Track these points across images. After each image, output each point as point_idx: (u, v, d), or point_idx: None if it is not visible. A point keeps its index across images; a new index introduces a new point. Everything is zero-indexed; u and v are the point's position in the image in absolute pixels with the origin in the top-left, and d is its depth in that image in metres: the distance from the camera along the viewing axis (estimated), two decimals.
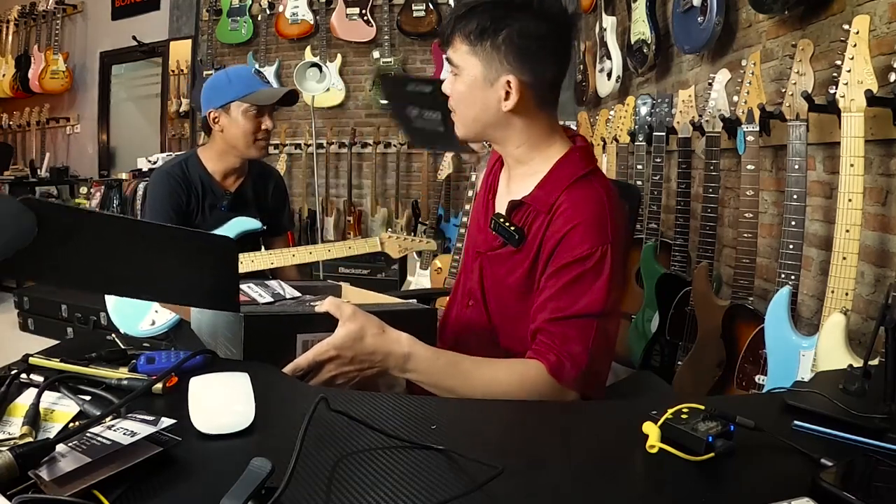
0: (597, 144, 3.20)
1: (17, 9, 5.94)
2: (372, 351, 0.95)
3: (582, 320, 1.03)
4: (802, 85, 1.60)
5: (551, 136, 1.15)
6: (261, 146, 1.90)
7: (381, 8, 4.87)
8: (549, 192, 1.10)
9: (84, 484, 0.58)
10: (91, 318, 3.72)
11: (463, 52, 1.07)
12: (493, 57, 1.05)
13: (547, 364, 1.01)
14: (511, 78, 1.05)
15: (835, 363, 1.28)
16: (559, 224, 1.06)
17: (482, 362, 1.03)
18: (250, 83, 1.87)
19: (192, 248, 0.92)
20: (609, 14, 3.46)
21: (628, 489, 0.66)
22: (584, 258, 1.03)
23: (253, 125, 1.86)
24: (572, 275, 1.03)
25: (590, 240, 1.03)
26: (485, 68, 1.06)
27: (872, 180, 1.60)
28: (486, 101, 1.08)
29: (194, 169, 1.93)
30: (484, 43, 1.05)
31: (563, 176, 1.11)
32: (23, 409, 0.74)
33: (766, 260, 2.12)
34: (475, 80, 1.07)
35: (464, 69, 1.08)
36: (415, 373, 0.98)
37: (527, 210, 1.12)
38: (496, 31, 1.04)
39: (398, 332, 0.98)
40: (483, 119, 1.10)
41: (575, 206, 1.06)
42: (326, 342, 0.94)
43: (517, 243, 1.11)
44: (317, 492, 0.61)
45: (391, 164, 5.05)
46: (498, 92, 1.07)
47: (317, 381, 0.95)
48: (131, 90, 6.33)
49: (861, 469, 0.67)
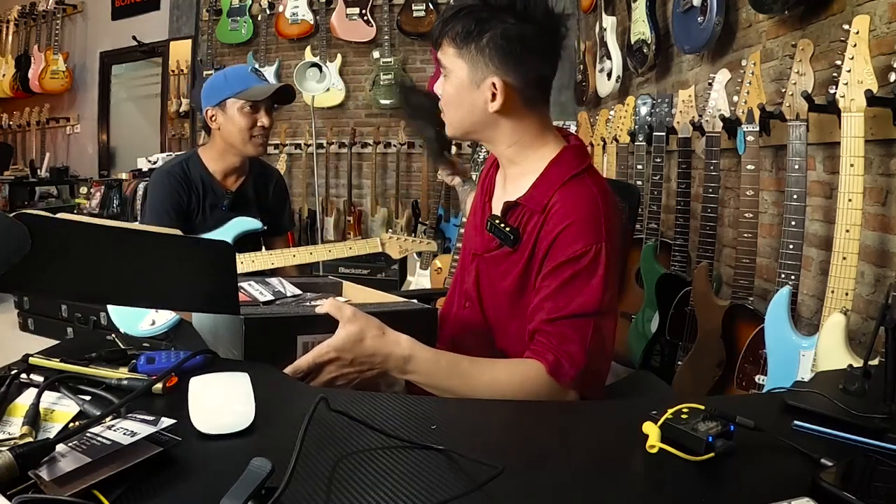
0: (597, 144, 3.20)
1: (17, 9, 5.94)
2: (372, 353, 0.95)
3: (578, 320, 1.03)
4: (802, 85, 1.60)
5: (543, 136, 1.15)
6: (257, 143, 1.89)
7: (381, 8, 4.87)
8: (542, 192, 1.10)
9: (84, 484, 0.58)
10: (91, 318, 3.72)
11: (451, 54, 1.09)
12: (478, 59, 1.07)
13: (546, 364, 1.01)
14: (496, 79, 1.07)
15: (835, 363, 1.28)
16: (553, 223, 1.07)
17: (482, 363, 1.03)
18: (245, 80, 1.87)
19: (189, 255, 0.91)
20: (609, 14, 3.46)
21: (628, 489, 0.66)
22: (578, 257, 1.03)
23: (248, 121, 1.86)
24: (567, 274, 1.04)
25: (583, 238, 1.04)
26: (471, 70, 1.08)
27: (872, 180, 1.60)
28: (474, 102, 1.10)
29: (195, 168, 1.93)
30: (469, 45, 1.07)
31: (556, 175, 1.11)
32: (23, 409, 0.74)
33: (766, 260, 2.12)
34: (462, 81, 1.09)
35: (452, 71, 1.10)
36: (415, 374, 0.98)
37: (522, 210, 1.13)
38: (480, 33, 1.06)
39: (398, 334, 0.98)
40: (470, 120, 1.12)
41: (568, 205, 1.07)
42: (326, 344, 0.94)
43: (512, 244, 1.12)
44: (317, 492, 0.61)
45: (391, 164, 5.05)
46: (484, 93, 1.08)
47: (317, 382, 0.95)
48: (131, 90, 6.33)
49: (861, 469, 0.67)
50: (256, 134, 1.88)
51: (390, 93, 4.92)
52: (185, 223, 1.89)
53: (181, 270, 0.90)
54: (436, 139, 1.52)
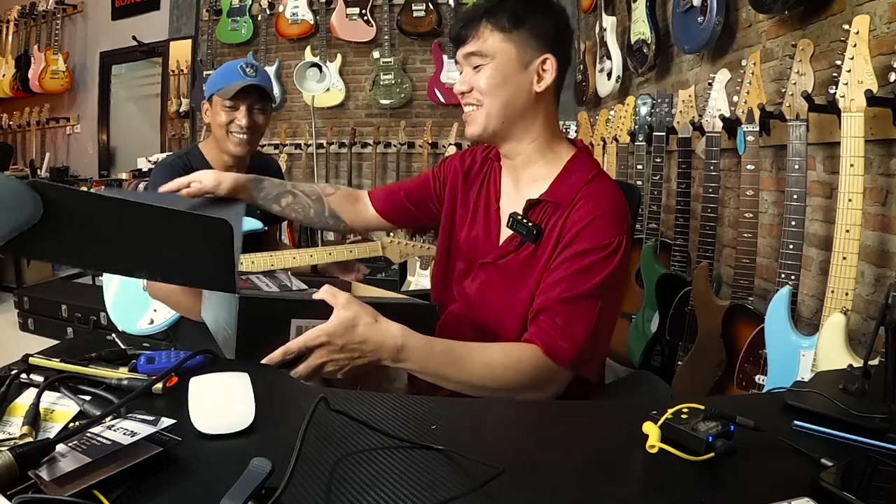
0: (597, 144, 3.20)
1: (17, 9, 5.94)
2: (363, 340, 0.95)
3: (588, 301, 1.06)
4: (802, 85, 1.60)
5: (559, 136, 1.22)
6: (236, 140, 1.88)
7: (381, 8, 4.87)
8: (568, 187, 1.14)
9: (84, 484, 0.58)
10: (91, 318, 3.71)
11: (496, 39, 1.13)
12: (529, 41, 1.12)
13: (543, 347, 1.03)
14: (549, 56, 1.13)
15: (835, 363, 1.28)
16: (581, 214, 1.10)
17: (475, 347, 1.04)
18: (229, 76, 1.88)
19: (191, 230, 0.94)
20: (609, 14, 3.46)
21: (628, 489, 0.66)
22: (602, 247, 1.07)
23: (227, 118, 1.87)
24: (588, 261, 1.07)
25: (610, 230, 1.08)
26: (519, 52, 1.13)
27: (872, 180, 1.60)
28: (520, 84, 1.14)
29: (195, 161, 1.95)
30: (519, 28, 1.12)
31: (579, 172, 1.16)
32: (23, 409, 0.74)
33: (766, 260, 2.12)
34: (509, 63, 1.13)
35: (495, 56, 1.13)
36: (409, 362, 0.98)
37: (544, 207, 1.15)
38: (531, 17, 1.13)
39: (391, 323, 0.98)
40: (513, 104, 1.15)
41: (596, 199, 1.11)
42: (318, 328, 0.95)
43: (535, 239, 1.14)
44: (317, 492, 0.61)
45: (391, 164, 5.05)
46: (531, 75, 1.13)
47: (306, 366, 0.95)
48: (131, 90, 6.33)
49: (861, 469, 0.67)
50: (234, 131, 1.88)
51: (390, 93, 4.93)
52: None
53: (182, 245, 0.92)
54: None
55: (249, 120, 1.87)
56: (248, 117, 1.87)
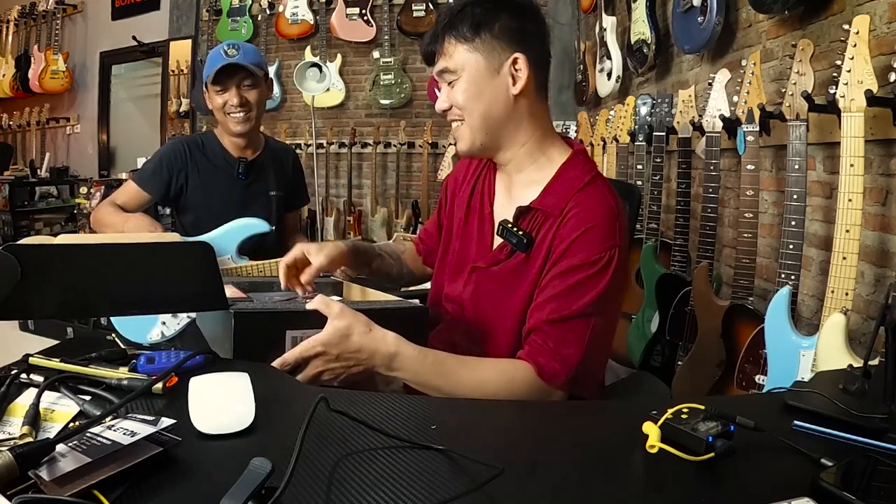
0: (597, 144, 3.20)
1: (17, 9, 5.94)
2: (358, 349, 0.96)
3: (580, 321, 1.03)
4: (802, 85, 1.60)
5: (551, 137, 1.17)
6: (235, 119, 1.94)
7: (381, 8, 4.87)
8: (558, 196, 1.11)
9: (84, 484, 0.58)
10: (91, 319, 3.71)
11: (461, 51, 1.10)
12: (494, 45, 1.09)
13: (535, 367, 1.02)
14: (517, 55, 1.09)
15: (835, 363, 1.28)
16: (571, 226, 1.07)
17: (469, 362, 1.04)
18: (213, 61, 1.93)
19: (172, 259, 0.94)
20: (609, 14, 3.46)
21: (628, 489, 0.66)
22: (593, 262, 1.04)
23: (220, 100, 1.93)
24: (577, 278, 1.04)
25: (601, 244, 1.05)
26: (487, 58, 1.09)
27: (872, 180, 1.60)
28: (496, 90, 1.11)
29: (209, 143, 2.04)
30: (482, 35, 1.09)
31: (571, 179, 1.12)
32: (23, 409, 0.74)
33: (766, 260, 2.12)
34: (479, 72, 1.10)
35: (464, 67, 1.10)
36: (401, 371, 0.98)
37: (535, 215, 1.12)
38: (492, 20, 1.09)
39: (385, 331, 0.98)
40: (494, 112, 1.12)
41: (586, 210, 1.07)
42: (313, 339, 0.95)
43: (525, 248, 1.11)
44: (317, 492, 0.61)
45: (391, 164, 5.05)
46: (505, 78, 1.10)
47: (303, 376, 0.95)
48: (131, 90, 6.34)
49: (861, 469, 0.67)
50: (230, 112, 1.93)
51: (390, 93, 4.93)
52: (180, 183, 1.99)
53: (167, 275, 0.92)
54: None
55: (239, 97, 1.92)
56: (237, 95, 1.92)
